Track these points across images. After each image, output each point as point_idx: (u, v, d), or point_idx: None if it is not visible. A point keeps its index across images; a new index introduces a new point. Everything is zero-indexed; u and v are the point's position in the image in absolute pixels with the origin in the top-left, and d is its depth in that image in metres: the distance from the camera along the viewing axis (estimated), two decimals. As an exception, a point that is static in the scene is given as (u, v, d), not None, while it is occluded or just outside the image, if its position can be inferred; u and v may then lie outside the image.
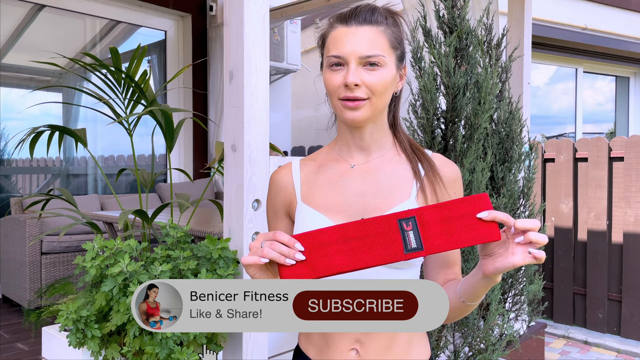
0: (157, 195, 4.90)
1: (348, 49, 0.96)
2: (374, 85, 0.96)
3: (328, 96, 1.02)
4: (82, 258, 1.54)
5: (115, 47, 1.94)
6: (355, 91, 0.95)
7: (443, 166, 1.06)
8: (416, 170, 1.04)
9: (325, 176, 1.06)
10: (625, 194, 4.00)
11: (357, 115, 0.97)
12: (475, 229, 0.79)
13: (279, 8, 4.65)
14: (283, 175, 1.09)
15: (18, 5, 4.42)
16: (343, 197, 1.02)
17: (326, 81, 1.00)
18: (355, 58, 0.95)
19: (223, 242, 1.68)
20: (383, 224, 0.80)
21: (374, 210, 0.99)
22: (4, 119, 4.41)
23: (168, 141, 2.09)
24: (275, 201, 1.10)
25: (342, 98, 0.97)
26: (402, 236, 0.78)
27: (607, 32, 7.07)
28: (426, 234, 0.78)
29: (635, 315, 3.96)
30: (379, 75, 0.96)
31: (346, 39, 0.97)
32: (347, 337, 1.00)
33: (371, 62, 0.96)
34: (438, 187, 1.03)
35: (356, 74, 0.95)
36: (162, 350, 1.47)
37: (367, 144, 1.05)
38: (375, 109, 0.99)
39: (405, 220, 0.78)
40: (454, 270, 1.05)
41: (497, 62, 2.55)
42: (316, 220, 1.00)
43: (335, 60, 0.97)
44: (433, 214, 0.79)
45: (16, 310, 3.83)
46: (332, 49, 0.98)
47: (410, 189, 1.02)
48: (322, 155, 1.11)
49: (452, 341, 2.38)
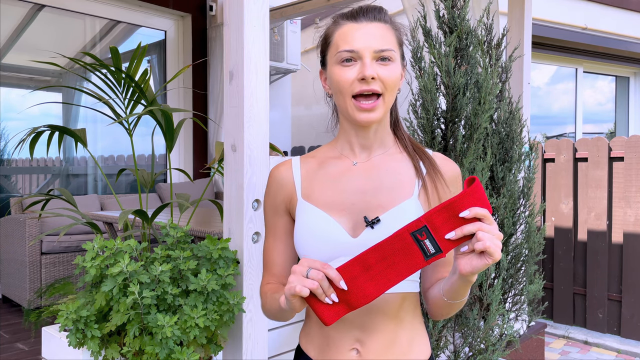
0: (157, 195, 4.90)
1: (361, 43, 0.96)
2: (388, 79, 0.97)
3: (336, 95, 1.01)
4: (82, 258, 1.53)
5: (115, 47, 1.94)
6: (372, 84, 0.96)
7: (443, 165, 1.06)
8: (418, 168, 1.04)
9: (327, 173, 1.05)
10: (625, 194, 4.00)
11: (372, 116, 0.98)
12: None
13: (279, 8, 4.65)
14: (282, 171, 1.08)
15: (18, 5, 4.42)
16: (345, 194, 1.01)
17: (337, 77, 0.99)
18: (370, 52, 0.96)
19: (223, 242, 1.68)
20: (398, 241, 0.82)
21: (376, 208, 0.99)
22: (4, 119, 4.41)
23: (168, 141, 2.09)
24: (275, 198, 1.08)
25: (357, 94, 0.97)
26: (420, 246, 0.80)
27: (607, 32, 7.07)
28: (440, 237, 0.80)
29: (635, 315, 3.96)
30: (391, 70, 0.98)
31: (358, 34, 0.97)
32: (348, 337, 1.00)
33: (384, 56, 0.97)
34: (439, 184, 1.03)
35: (372, 67, 0.96)
36: (162, 350, 1.46)
37: (371, 142, 1.05)
38: (387, 107, 1.00)
39: (418, 231, 0.80)
40: (447, 269, 1.05)
41: (497, 62, 2.55)
42: (318, 218, 1.00)
43: (347, 55, 0.97)
44: (440, 216, 0.80)
45: (16, 310, 3.83)
46: (342, 44, 0.98)
47: (412, 187, 1.02)
48: (323, 152, 1.10)
49: (452, 341, 2.38)
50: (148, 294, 1.46)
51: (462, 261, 0.85)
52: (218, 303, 1.58)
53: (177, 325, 1.48)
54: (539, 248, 2.61)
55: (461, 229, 0.80)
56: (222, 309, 1.58)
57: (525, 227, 2.62)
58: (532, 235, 2.60)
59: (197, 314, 1.51)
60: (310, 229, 1.00)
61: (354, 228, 0.99)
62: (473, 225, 0.81)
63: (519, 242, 2.59)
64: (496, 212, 2.49)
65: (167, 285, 1.52)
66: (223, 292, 1.60)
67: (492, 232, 0.81)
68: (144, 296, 1.46)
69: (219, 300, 1.59)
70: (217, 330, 1.64)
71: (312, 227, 1.00)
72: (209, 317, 1.54)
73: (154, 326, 1.46)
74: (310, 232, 1.00)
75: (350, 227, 0.99)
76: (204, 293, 1.57)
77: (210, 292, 1.57)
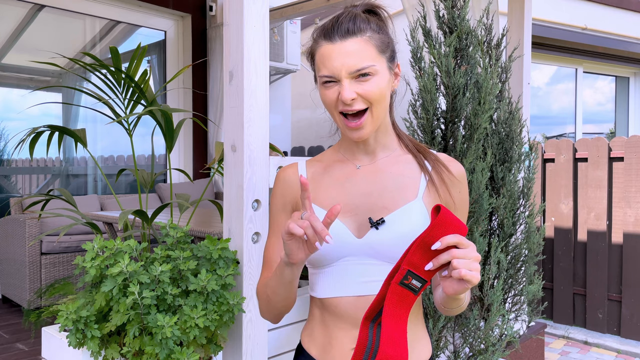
0: (157, 196, 4.89)
1: (337, 65, 0.95)
2: (370, 95, 0.96)
3: (327, 111, 1.03)
4: (82, 258, 1.53)
5: (115, 47, 1.94)
6: (354, 105, 0.96)
7: (448, 164, 1.06)
8: (422, 165, 1.04)
9: (332, 177, 1.06)
10: (625, 194, 4.00)
11: (362, 133, 0.99)
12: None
13: (279, 8, 4.65)
14: (290, 173, 1.10)
15: (18, 6, 4.42)
16: (350, 197, 1.02)
17: (322, 97, 1.01)
18: (346, 74, 0.95)
19: (223, 242, 1.68)
20: (393, 295, 0.86)
21: (381, 209, 1.00)
22: (4, 119, 4.40)
23: (168, 141, 2.09)
24: (283, 197, 1.09)
25: (342, 112, 0.98)
26: (409, 288, 0.85)
27: (607, 32, 7.07)
28: (421, 271, 0.84)
29: (635, 315, 3.96)
30: (373, 84, 0.96)
31: (333, 57, 0.96)
32: (349, 336, 1.00)
33: (362, 73, 0.95)
34: (447, 177, 1.03)
35: (350, 88, 0.95)
36: (162, 350, 1.46)
37: (372, 147, 1.06)
38: (377, 118, 0.99)
39: (404, 278, 0.84)
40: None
41: (497, 62, 2.55)
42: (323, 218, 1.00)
43: (326, 79, 0.98)
44: (417, 254, 0.84)
45: (16, 311, 3.83)
46: (322, 68, 0.98)
47: (417, 189, 1.02)
48: (328, 156, 1.11)
49: (452, 341, 2.38)
50: (148, 294, 1.46)
51: (445, 284, 0.86)
52: (218, 303, 1.58)
53: (177, 325, 1.48)
54: (538, 249, 2.61)
55: (437, 259, 0.83)
56: (222, 309, 1.58)
57: (525, 227, 2.62)
58: (532, 235, 2.60)
59: (197, 314, 1.51)
60: None
61: (358, 229, 1.00)
62: (447, 254, 0.82)
63: (518, 242, 2.59)
64: (496, 212, 2.49)
65: (167, 286, 1.52)
66: (223, 292, 1.60)
67: (467, 256, 0.81)
68: (144, 296, 1.46)
69: (219, 300, 1.59)
70: (217, 331, 1.64)
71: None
72: (209, 317, 1.54)
73: (154, 326, 1.46)
74: None
75: (355, 227, 1.00)
76: (203, 293, 1.57)
77: (210, 293, 1.57)
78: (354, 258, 0.99)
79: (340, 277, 1.00)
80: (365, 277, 0.99)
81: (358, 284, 0.99)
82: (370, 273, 0.99)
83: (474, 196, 2.26)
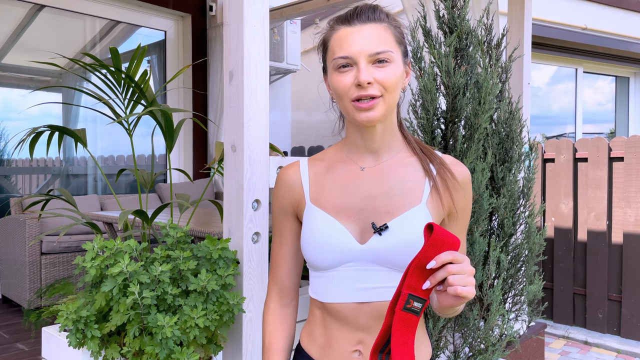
0: (157, 196, 4.89)
1: (355, 48, 0.94)
2: (385, 81, 0.94)
3: (337, 100, 1.00)
4: (82, 258, 1.53)
5: (115, 47, 1.94)
6: (369, 89, 0.94)
7: (454, 167, 1.05)
8: (427, 169, 1.02)
9: (335, 178, 1.04)
10: (625, 194, 4.00)
11: (372, 115, 0.95)
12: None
13: (279, 8, 4.65)
14: (291, 174, 1.08)
15: (18, 6, 4.42)
16: (353, 199, 1.01)
17: (335, 84, 0.97)
18: (365, 56, 0.94)
19: (223, 242, 1.68)
20: (399, 321, 0.85)
21: (384, 214, 0.98)
22: (4, 119, 4.41)
23: (168, 141, 2.09)
24: (283, 200, 1.08)
25: (355, 98, 0.95)
26: (412, 312, 0.85)
27: (607, 32, 7.07)
28: (420, 291, 0.85)
29: (635, 315, 3.96)
30: (389, 71, 0.95)
31: (352, 39, 0.95)
32: (350, 339, 1.00)
33: (380, 58, 0.94)
34: (451, 183, 1.02)
35: (367, 72, 0.93)
36: (162, 350, 1.46)
37: (377, 145, 1.03)
38: (389, 107, 0.97)
39: (407, 302, 0.84)
40: None
41: (497, 62, 2.55)
42: (326, 223, 0.99)
43: (343, 62, 0.95)
44: (415, 276, 0.84)
45: (16, 311, 3.83)
46: (337, 50, 0.96)
47: (421, 194, 1.01)
48: (330, 155, 1.09)
49: (452, 341, 2.38)
50: (148, 294, 1.46)
51: (440, 297, 0.86)
52: (218, 303, 1.58)
53: (177, 325, 1.48)
54: (539, 249, 2.61)
55: (434, 277, 0.83)
56: (222, 309, 1.58)
57: (525, 227, 2.62)
58: (532, 235, 2.60)
59: (197, 314, 1.51)
60: (318, 233, 1.00)
61: (361, 234, 0.98)
62: (443, 271, 0.82)
63: (518, 242, 2.59)
64: (496, 212, 2.49)
65: (167, 286, 1.52)
66: (223, 292, 1.60)
67: (462, 271, 0.81)
68: (144, 296, 1.46)
69: (219, 300, 1.59)
70: (217, 331, 1.64)
71: (320, 232, 1.00)
72: (209, 317, 1.54)
73: (154, 326, 1.46)
74: (317, 237, 1.00)
75: (358, 232, 0.99)
76: (203, 293, 1.57)
77: (210, 293, 1.57)
78: (356, 264, 0.98)
79: (342, 282, 0.99)
80: (367, 284, 0.98)
81: (360, 291, 0.98)
82: (373, 279, 0.98)
83: (474, 196, 2.26)
